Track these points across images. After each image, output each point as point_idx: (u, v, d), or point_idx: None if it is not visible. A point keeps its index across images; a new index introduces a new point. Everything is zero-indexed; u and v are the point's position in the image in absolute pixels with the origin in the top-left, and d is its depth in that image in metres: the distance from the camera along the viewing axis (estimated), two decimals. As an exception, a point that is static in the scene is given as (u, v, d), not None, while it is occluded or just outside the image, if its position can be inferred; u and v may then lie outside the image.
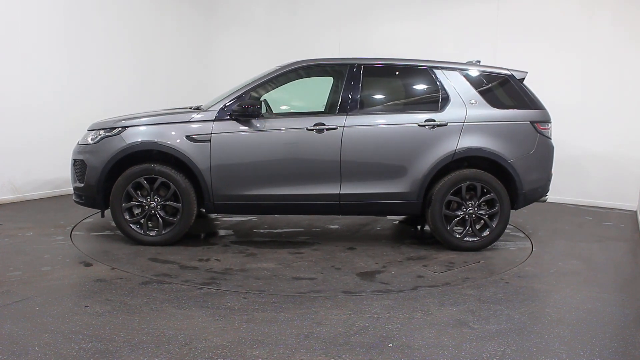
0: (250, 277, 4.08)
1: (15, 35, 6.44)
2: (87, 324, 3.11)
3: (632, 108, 7.02)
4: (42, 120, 6.82)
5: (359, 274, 4.23)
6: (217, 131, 4.75)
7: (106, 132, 4.85)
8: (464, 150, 4.81)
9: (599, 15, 7.13)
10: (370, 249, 4.93)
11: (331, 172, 4.79)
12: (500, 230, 4.94)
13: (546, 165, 5.05)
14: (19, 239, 4.92)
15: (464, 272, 4.30)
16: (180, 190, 4.72)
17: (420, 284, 3.99)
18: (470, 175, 4.84)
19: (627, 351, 2.96)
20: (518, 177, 4.87)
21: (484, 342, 3.01)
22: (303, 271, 4.26)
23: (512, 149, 4.87)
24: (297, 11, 9.21)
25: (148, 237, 4.80)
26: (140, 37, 8.24)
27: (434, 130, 4.83)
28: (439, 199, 4.81)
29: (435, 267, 4.43)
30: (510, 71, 5.06)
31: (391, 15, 8.40)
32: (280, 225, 5.89)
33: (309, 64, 5.07)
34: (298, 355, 2.80)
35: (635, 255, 5.05)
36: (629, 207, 7.06)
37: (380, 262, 4.53)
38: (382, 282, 4.00)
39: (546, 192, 5.15)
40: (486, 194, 4.87)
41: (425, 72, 5.02)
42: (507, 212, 4.90)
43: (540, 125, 4.95)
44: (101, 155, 4.75)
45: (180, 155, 4.70)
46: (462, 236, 4.89)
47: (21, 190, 6.69)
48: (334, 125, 4.78)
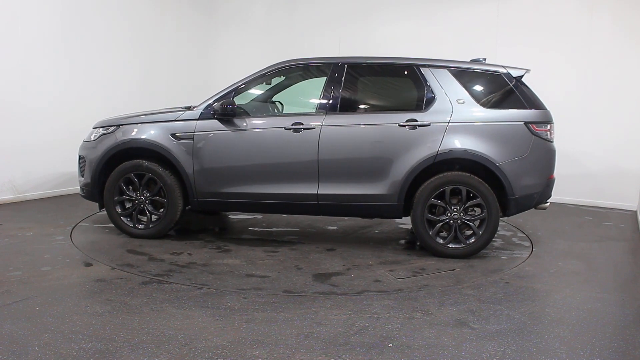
0: (206, 272, 4.16)
1: (15, 35, 6.44)
2: (87, 324, 3.11)
3: (632, 108, 7.03)
4: (42, 121, 6.82)
5: (316, 275, 4.17)
6: (200, 130, 4.87)
7: (104, 129, 5.13)
8: (447, 152, 4.55)
9: (599, 16, 7.13)
10: (349, 251, 4.83)
11: (309, 172, 4.73)
12: (488, 237, 4.63)
13: (543, 170, 4.68)
14: (19, 239, 4.92)
15: (429, 279, 4.08)
16: (165, 186, 4.91)
17: (370, 288, 3.86)
18: (454, 179, 4.56)
19: (627, 351, 2.96)
20: (508, 182, 4.54)
21: (484, 342, 3.01)
22: (262, 269, 4.26)
23: (501, 152, 4.55)
24: (297, 10, 9.21)
25: (137, 230, 5.03)
26: (140, 37, 8.23)
27: (416, 131, 4.61)
28: (420, 203, 4.59)
29: (402, 272, 4.25)
30: (506, 69, 4.75)
31: (391, 15, 8.40)
32: (280, 224, 5.89)
33: (293, 64, 5.06)
34: (298, 355, 2.80)
35: (635, 255, 5.05)
36: (629, 207, 7.06)
37: (348, 265, 4.43)
38: (332, 285, 3.93)
39: (545, 199, 4.79)
40: (473, 198, 4.57)
41: (411, 71, 4.83)
42: (496, 219, 4.58)
43: (536, 127, 4.60)
44: (97, 152, 5.05)
45: (165, 152, 4.89)
46: (446, 242, 4.63)
47: (21, 190, 6.69)
48: (312, 124, 4.74)
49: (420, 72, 4.78)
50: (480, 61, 4.94)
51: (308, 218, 6.13)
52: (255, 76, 5.03)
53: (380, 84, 5.22)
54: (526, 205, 4.71)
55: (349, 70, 4.89)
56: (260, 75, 5.03)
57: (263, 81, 5.12)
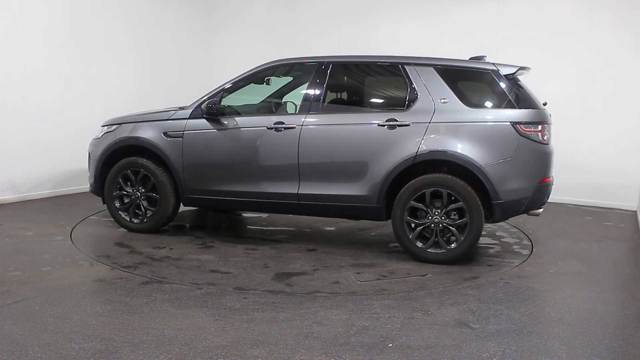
0: (173, 266, 4.27)
1: (15, 35, 6.44)
2: (87, 324, 3.11)
3: (632, 108, 7.03)
4: (42, 121, 6.81)
5: (278, 274, 4.15)
6: (189, 129, 5.00)
7: (107, 128, 5.38)
8: (427, 154, 4.36)
9: (599, 16, 7.13)
10: (330, 252, 4.77)
11: (290, 171, 4.73)
12: (470, 243, 4.36)
13: (533, 174, 4.37)
14: (19, 239, 4.92)
15: (390, 284, 3.94)
16: (158, 183, 5.10)
17: (324, 290, 3.80)
18: (435, 181, 4.35)
19: (627, 351, 2.96)
20: (492, 186, 4.28)
21: (484, 342, 3.01)
22: (229, 266, 4.31)
23: (484, 153, 4.29)
24: (298, 10, 9.21)
25: (133, 224, 5.24)
26: (141, 37, 8.23)
27: (395, 131, 4.46)
28: (400, 205, 4.43)
29: (368, 275, 4.14)
30: (496, 66, 4.49)
31: (392, 15, 8.40)
32: (279, 223, 5.90)
33: (279, 63, 5.08)
34: (298, 355, 2.80)
35: (635, 255, 5.05)
36: (629, 207, 7.06)
37: (319, 265, 4.38)
38: (287, 284, 3.90)
39: (537, 205, 4.49)
40: (455, 202, 4.34)
41: (396, 69, 4.68)
42: (479, 224, 4.31)
43: (524, 127, 4.30)
44: (100, 149, 5.29)
45: (157, 150, 5.07)
46: (426, 247, 4.42)
47: (21, 190, 6.68)
48: (293, 124, 4.73)
49: (405, 70, 4.62)
50: (481, 59, 4.74)
51: (308, 218, 6.12)
52: (243, 76, 5.09)
53: (365, 83, 5.14)
54: (513, 211, 4.43)
55: (333, 70, 4.84)
56: (248, 75, 5.08)
57: (251, 81, 5.15)
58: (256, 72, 5.07)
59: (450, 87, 4.49)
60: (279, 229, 5.73)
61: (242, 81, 5.09)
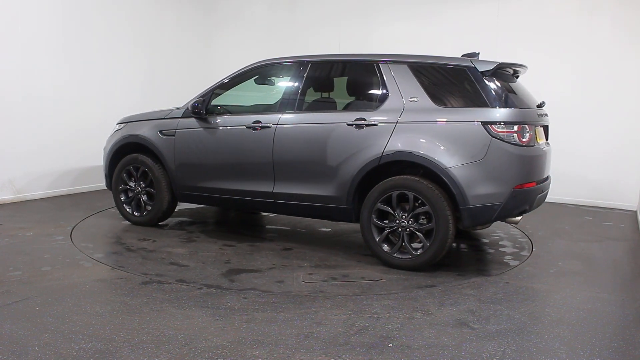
0: (139, 257, 4.47)
1: (14, 35, 6.44)
2: (87, 324, 3.11)
3: (632, 108, 7.02)
4: (42, 120, 6.81)
5: (231, 270, 4.20)
6: (181, 127, 5.24)
7: (118, 125, 5.76)
8: (392, 154, 4.21)
9: (598, 17, 7.13)
10: (300, 252, 4.73)
11: (265, 170, 4.80)
12: (437, 250, 4.10)
13: (506, 178, 4.03)
14: (19, 239, 4.92)
15: (334, 287, 3.86)
16: (154, 179, 5.37)
17: (260, 288, 3.79)
18: (401, 183, 4.19)
19: (627, 351, 2.96)
20: (458, 189, 4.02)
21: (484, 342, 3.01)
22: (191, 260, 4.44)
23: (451, 155, 4.05)
24: (298, 9, 9.21)
25: (134, 217, 5.56)
26: (141, 36, 8.22)
27: (363, 131, 4.36)
28: (367, 208, 4.31)
29: (318, 276, 4.08)
30: (473, 63, 4.23)
31: (392, 15, 8.39)
32: (279, 223, 5.91)
33: (265, 63, 5.11)
34: (298, 355, 2.80)
35: (635, 255, 5.05)
36: (629, 207, 7.06)
37: (279, 264, 4.37)
38: (230, 280, 3.95)
39: (513, 212, 4.17)
40: (422, 205, 4.14)
41: (370, 67, 4.56)
42: (446, 229, 4.06)
43: (495, 127, 4.01)
44: (109, 145, 5.68)
45: (153, 147, 5.35)
46: (392, 251, 4.26)
47: (21, 190, 6.68)
48: (268, 123, 4.78)
49: (378, 68, 4.50)
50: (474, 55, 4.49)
51: (308, 220, 6.09)
52: (230, 76, 5.20)
53: (341, 82, 5.05)
54: (484, 218, 4.13)
55: (311, 69, 4.84)
56: (235, 75, 5.17)
57: (241, 80, 5.20)
58: (243, 73, 5.16)
59: (422, 85, 4.32)
60: (275, 227, 5.77)
61: (230, 81, 5.19)
